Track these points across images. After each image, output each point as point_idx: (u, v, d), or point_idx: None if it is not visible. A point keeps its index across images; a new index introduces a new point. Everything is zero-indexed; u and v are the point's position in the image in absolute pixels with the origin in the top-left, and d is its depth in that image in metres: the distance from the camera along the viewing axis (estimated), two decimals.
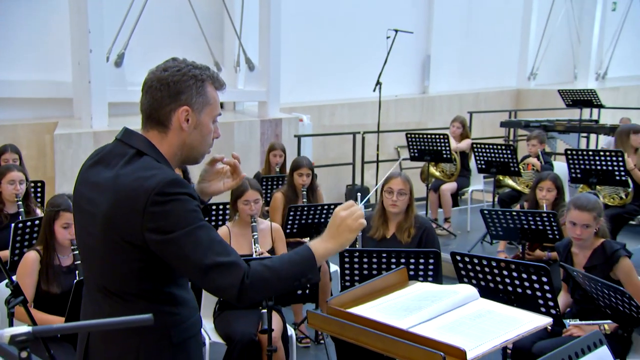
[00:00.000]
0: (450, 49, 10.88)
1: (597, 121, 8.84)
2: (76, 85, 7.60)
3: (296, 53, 9.04)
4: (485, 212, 4.52)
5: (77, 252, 3.33)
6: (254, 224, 3.86)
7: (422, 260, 3.41)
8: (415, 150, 6.86)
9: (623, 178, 5.47)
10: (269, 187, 5.64)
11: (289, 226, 4.60)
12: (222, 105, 9.12)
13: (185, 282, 1.98)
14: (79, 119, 7.47)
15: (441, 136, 6.69)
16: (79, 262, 3.32)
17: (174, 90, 1.86)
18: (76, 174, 2.01)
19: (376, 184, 8.08)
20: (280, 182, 5.62)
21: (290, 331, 3.90)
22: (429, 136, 6.73)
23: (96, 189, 1.85)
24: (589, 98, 8.27)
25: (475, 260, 3.21)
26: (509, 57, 11.77)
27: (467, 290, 2.58)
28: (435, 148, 6.70)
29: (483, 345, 2.18)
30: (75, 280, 3.08)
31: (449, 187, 6.87)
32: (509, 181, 6.61)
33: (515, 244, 5.36)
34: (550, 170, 6.32)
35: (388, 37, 7.89)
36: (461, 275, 3.32)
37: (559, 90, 8.54)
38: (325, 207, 4.66)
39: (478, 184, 7.29)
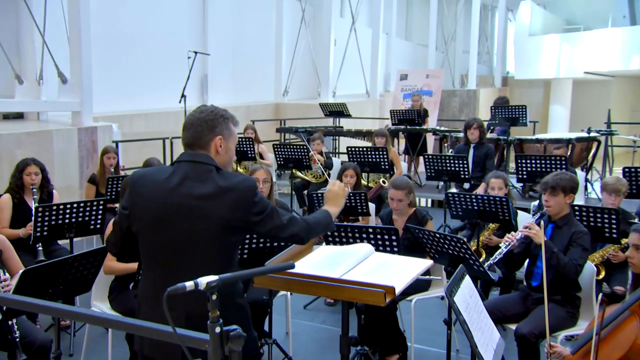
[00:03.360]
0: (223, 70, 11.14)
1: (342, 127, 9.86)
2: None
3: (95, 68, 8.45)
4: (313, 195, 4.92)
5: None
6: None
7: None
8: None
9: (386, 167, 6.34)
10: (117, 186, 5.33)
11: None
12: (22, 115, 8.11)
13: None
14: None
15: (246, 139, 6.94)
16: None
17: (210, 125, 2.20)
18: None
19: None
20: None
21: None
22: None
23: (202, 201, 2.13)
24: (342, 110, 9.24)
25: (342, 229, 3.58)
26: (267, 77, 12.42)
27: (367, 247, 2.93)
28: (242, 149, 6.93)
29: (401, 282, 2.54)
30: None
31: None
32: (299, 173, 7.12)
33: None
34: (331, 163, 6.99)
35: (189, 57, 7.87)
36: (328, 241, 3.65)
37: (320, 104, 9.36)
38: None
39: (273, 177, 7.68)
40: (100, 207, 4.13)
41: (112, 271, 3.53)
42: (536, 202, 6.35)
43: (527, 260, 3.74)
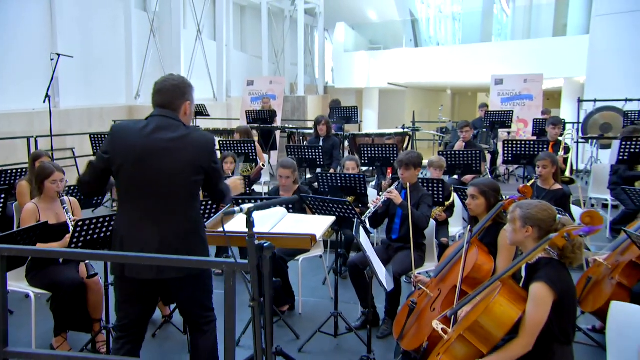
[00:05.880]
0: (74, 73, 10.37)
1: (199, 127, 9.89)
2: None
3: None
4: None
5: None
6: (63, 197, 3.61)
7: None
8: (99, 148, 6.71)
9: (254, 157, 6.69)
10: (10, 178, 4.91)
11: None
12: None
13: None
14: None
15: None
16: None
17: (182, 91, 2.46)
18: None
19: None
20: (21, 173, 4.95)
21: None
22: None
23: (173, 143, 2.38)
24: (201, 110, 9.30)
25: (253, 201, 3.85)
26: (119, 81, 11.84)
27: (282, 210, 3.29)
28: None
29: (318, 232, 2.96)
30: None
31: None
32: None
33: None
34: None
35: (52, 59, 7.31)
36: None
37: None
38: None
39: None
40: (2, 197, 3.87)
41: None
42: (374, 183, 7.23)
43: (386, 219, 4.41)
